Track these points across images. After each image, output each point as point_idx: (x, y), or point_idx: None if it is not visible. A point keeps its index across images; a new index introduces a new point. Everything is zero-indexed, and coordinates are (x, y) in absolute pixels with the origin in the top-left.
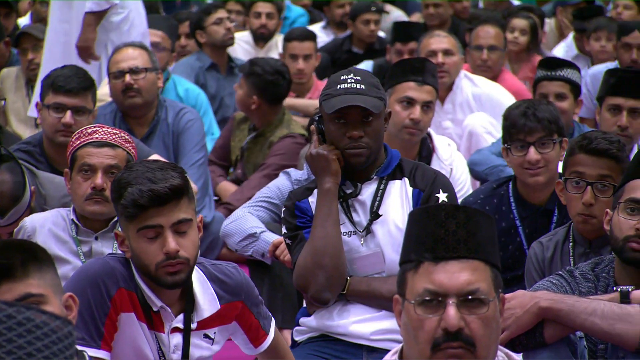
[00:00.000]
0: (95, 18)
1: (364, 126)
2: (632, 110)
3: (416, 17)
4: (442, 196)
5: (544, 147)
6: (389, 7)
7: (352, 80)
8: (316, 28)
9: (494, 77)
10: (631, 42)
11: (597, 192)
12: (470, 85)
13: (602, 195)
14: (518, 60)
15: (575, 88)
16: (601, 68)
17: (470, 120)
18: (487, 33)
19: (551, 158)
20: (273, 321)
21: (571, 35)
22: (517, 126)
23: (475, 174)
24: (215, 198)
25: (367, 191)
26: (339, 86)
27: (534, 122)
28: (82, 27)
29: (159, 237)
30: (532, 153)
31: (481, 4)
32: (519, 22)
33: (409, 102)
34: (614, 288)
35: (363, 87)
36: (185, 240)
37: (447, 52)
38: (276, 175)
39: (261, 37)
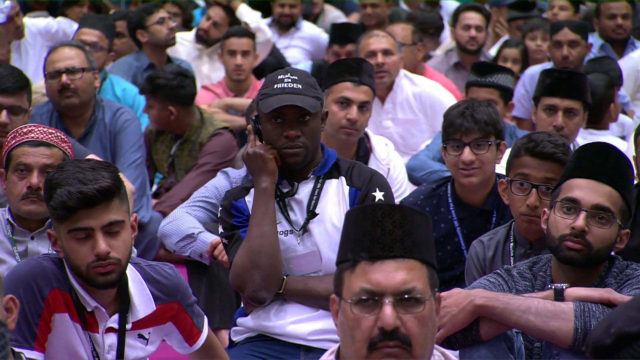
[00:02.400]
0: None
1: (300, 126)
2: (568, 110)
3: (354, 17)
4: (379, 195)
5: (479, 148)
6: (327, 7)
7: (289, 80)
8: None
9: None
10: (561, 40)
11: (542, 195)
12: (410, 84)
13: (546, 198)
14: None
15: (506, 93)
16: (538, 68)
17: None
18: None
19: (486, 160)
20: (206, 319)
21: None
22: (454, 126)
23: (413, 180)
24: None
25: (304, 190)
26: (275, 86)
27: (471, 122)
28: None
29: (90, 238)
30: (467, 153)
31: (403, 5)
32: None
33: (346, 103)
34: (549, 286)
35: (300, 86)
36: (117, 241)
37: (386, 52)
38: (212, 173)
39: (204, 41)
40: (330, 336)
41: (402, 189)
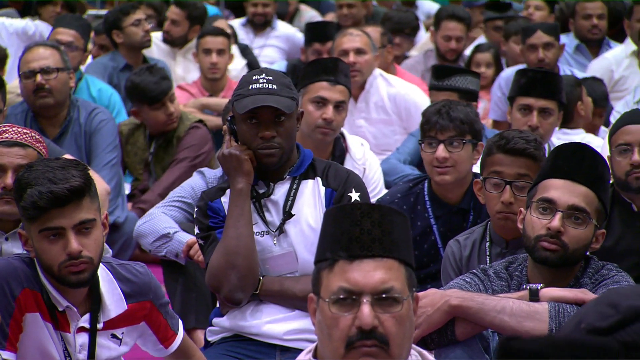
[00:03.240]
0: None
1: (276, 126)
2: (542, 110)
3: (330, 17)
4: (355, 195)
5: (453, 146)
6: (303, 7)
7: (264, 80)
8: (235, 23)
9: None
10: (536, 42)
11: (516, 191)
12: (386, 85)
13: (520, 194)
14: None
15: (466, 94)
16: (511, 72)
17: None
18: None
19: (460, 158)
20: (181, 322)
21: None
22: (430, 123)
23: (386, 184)
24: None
25: (280, 191)
26: (250, 86)
27: (446, 120)
28: None
29: (61, 237)
30: (441, 150)
31: (376, 4)
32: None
33: (322, 102)
34: (524, 286)
35: (275, 87)
36: (88, 240)
37: (359, 51)
38: (192, 167)
39: (170, 42)
40: (306, 336)
41: (378, 188)
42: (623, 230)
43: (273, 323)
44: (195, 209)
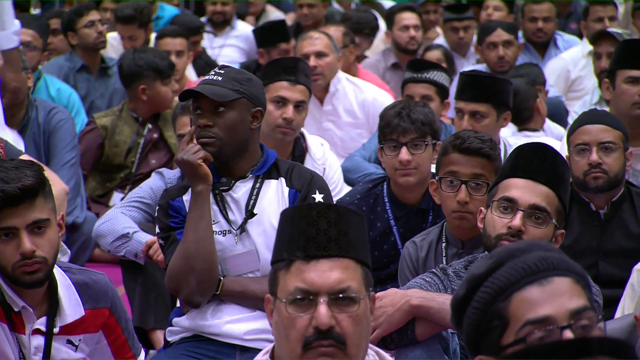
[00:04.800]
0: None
1: (215, 117)
2: (473, 113)
3: (291, 17)
4: (319, 197)
5: (416, 148)
6: (269, 8)
7: (214, 73)
8: None
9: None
10: (496, 40)
11: (471, 191)
12: (353, 89)
13: (476, 194)
14: None
15: (442, 90)
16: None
17: None
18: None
19: (422, 160)
20: (143, 354)
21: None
22: (390, 126)
23: (348, 181)
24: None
25: (242, 189)
26: (203, 78)
27: (408, 122)
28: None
29: (15, 237)
30: (404, 153)
31: (336, 4)
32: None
33: (282, 102)
34: None
35: (220, 78)
36: (42, 240)
37: (319, 54)
38: None
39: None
40: (267, 336)
41: (338, 188)
42: (581, 229)
43: (233, 323)
44: (157, 207)
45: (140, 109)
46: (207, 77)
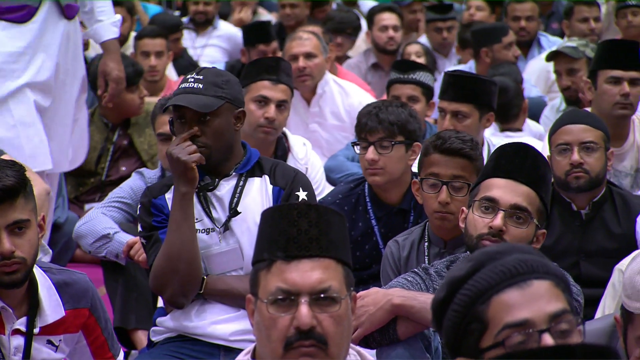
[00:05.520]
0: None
1: (201, 125)
2: (455, 113)
3: (273, 17)
4: (302, 194)
5: (383, 148)
6: (261, 10)
7: (192, 80)
8: None
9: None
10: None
11: (452, 191)
12: (340, 92)
13: (457, 194)
14: None
15: (427, 90)
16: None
17: None
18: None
19: (390, 160)
20: (122, 354)
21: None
22: (360, 125)
23: (331, 181)
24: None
25: (226, 187)
26: (181, 85)
27: (375, 122)
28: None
29: None
30: (370, 152)
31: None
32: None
33: (264, 101)
34: None
35: (200, 86)
36: (22, 240)
37: (308, 55)
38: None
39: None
40: (251, 337)
41: (320, 188)
42: (562, 229)
43: (218, 324)
44: (139, 206)
45: (109, 115)
46: (186, 85)
